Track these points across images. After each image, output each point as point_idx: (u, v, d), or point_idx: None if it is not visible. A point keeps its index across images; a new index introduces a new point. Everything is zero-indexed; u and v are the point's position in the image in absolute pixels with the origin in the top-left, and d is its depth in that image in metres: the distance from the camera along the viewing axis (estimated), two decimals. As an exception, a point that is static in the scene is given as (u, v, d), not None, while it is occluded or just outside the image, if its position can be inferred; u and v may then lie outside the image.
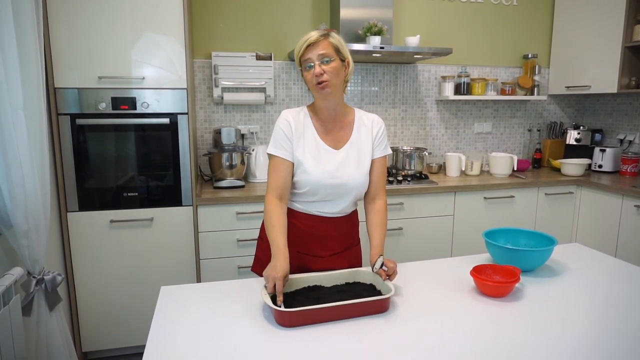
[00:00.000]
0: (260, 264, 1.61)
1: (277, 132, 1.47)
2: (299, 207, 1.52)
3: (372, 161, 1.53)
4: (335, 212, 1.51)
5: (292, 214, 1.52)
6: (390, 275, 1.34)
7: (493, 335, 1.11)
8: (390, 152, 1.60)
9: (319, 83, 1.39)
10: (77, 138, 2.19)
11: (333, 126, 1.50)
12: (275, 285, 1.23)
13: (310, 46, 1.38)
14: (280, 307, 1.18)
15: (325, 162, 1.46)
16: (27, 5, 1.61)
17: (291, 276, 1.33)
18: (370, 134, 1.53)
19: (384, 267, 1.34)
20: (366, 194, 1.55)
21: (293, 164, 1.46)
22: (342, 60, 1.43)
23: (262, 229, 1.63)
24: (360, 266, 1.63)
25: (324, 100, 1.45)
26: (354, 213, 1.60)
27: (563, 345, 1.06)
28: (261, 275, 1.55)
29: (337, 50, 1.41)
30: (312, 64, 1.39)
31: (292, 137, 1.45)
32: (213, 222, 2.39)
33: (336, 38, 1.42)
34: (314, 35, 1.39)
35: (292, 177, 1.48)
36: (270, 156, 1.48)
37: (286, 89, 3.01)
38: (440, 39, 3.20)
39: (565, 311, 1.24)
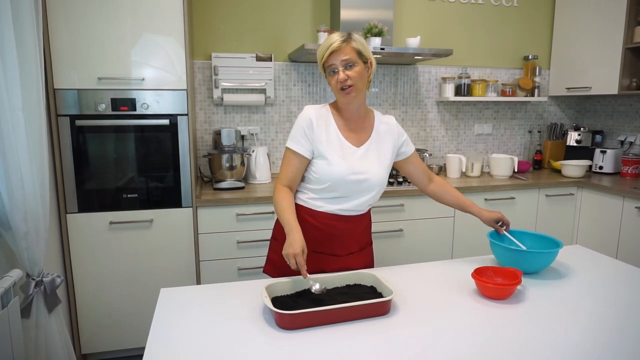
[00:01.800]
0: (272, 266, 1.61)
1: (297, 127, 1.49)
2: (317, 204, 1.52)
3: (409, 157, 1.62)
4: (353, 210, 1.52)
5: (309, 212, 1.52)
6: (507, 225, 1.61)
7: (494, 338, 1.11)
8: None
9: (343, 88, 1.41)
10: (77, 139, 2.18)
11: (355, 126, 1.52)
12: (297, 263, 1.27)
13: (333, 52, 1.39)
14: (307, 280, 1.25)
15: (348, 158, 1.47)
16: (26, 6, 1.60)
17: (291, 278, 1.32)
18: (391, 135, 1.56)
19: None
20: (420, 184, 1.67)
21: (308, 160, 1.49)
22: (365, 62, 1.44)
23: (276, 228, 1.63)
24: (373, 266, 1.65)
25: (349, 103, 1.47)
26: (369, 212, 1.62)
27: (564, 347, 1.06)
28: (273, 277, 1.55)
29: (360, 54, 1.42)
30: (336, 70, 1.41)
31: (313, 134, 1.46)
32: (213, 223, 2.38)
33: (358, 41, 1.42)
34: (336, 41, 1.39)
35: (309, 172, 1.50)
36: (286, 148, 1.51)
37: (286, 90, 3.00)
38: (440, 40, 3.20)
39: (567, 313, 1.24)
